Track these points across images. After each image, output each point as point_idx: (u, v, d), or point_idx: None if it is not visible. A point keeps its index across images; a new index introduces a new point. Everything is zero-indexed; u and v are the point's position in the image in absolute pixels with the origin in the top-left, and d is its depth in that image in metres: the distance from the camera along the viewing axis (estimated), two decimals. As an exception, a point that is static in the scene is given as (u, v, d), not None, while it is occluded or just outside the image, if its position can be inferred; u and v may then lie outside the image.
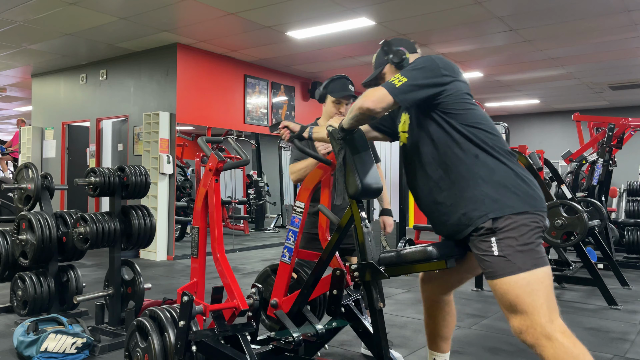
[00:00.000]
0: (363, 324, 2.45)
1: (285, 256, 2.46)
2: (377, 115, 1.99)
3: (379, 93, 1.94)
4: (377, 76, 2.29)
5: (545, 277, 1.84)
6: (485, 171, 1.93)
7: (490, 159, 1.94)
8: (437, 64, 1.99)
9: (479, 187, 1.91)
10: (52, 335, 3.00)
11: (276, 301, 2.47)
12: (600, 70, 8.36)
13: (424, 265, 2.02)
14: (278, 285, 2.48)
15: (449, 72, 2.00)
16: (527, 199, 1.90)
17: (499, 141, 1.99)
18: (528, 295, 1.80)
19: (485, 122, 2.01)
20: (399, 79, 1.94)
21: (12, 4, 5.61)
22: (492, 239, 1.86)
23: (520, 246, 1.84)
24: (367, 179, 2.13)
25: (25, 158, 8.89)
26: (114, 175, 3.42)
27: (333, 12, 5.79)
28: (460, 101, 2.00)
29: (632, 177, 9.69)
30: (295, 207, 2.47)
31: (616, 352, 3.34)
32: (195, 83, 7.42)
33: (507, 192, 1.89)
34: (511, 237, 1.84)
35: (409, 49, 2.26)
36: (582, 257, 4.78)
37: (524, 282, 1.81)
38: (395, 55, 2.20)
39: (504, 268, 1.83)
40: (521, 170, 1.96)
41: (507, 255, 1.83)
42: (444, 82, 1.97)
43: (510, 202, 1.88)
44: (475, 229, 1.90)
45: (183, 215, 8.33)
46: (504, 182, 1.90)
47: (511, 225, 1.85)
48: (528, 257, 1.83)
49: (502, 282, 1.84)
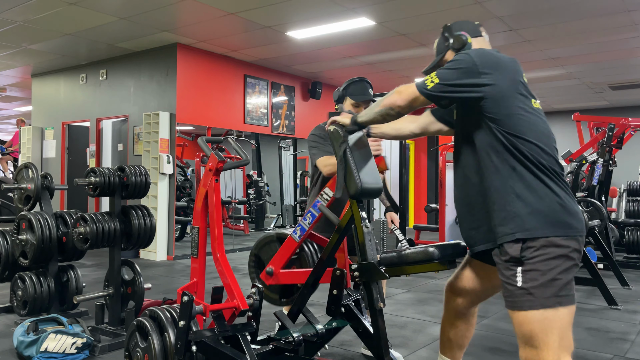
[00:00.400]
0: (363, 324, 2.45)
1: (296, 233, 2.44)
2: (405, 113, 1.95)
3: (409, 92, 1.87)
4: (437, 63, 2.11)
5: (566, 315, 1.74)
6: (521, 187, 1.77)
7: (529, 175, 1.78)
8: (474, 61, 1.80)
9: (511, 204, 1.78)
10: (52, 335, 3.00)
11: (272, 269, 2.46)
12: (600, 70, 8.36)
13: (426, 266, 2.01)
14: (279, 256, 2.47)
15: (489, 70, 1.79)
16: (561, 224, 1.75)
17: (545, 156, 1.80)
18: (542, 332, 1.72)
19: (533, 132, 1.81)
20: (432, 79, 1.83)
21: (12, 4, 5.60)
22: (518, 269, 1.75)
23: (547, 281, 1.72)
24: (367, 179, 2.13)
25: (25, 158, 8.88)
26: (114, 175, 3.42)
27: (333, 12, 5.79)
28: (505, 104, 1.80)
29: (632, 177, 9.69)
30: (323, 193, 2.45)
31: (616, 352, 3.34)
32: (195, 83, 7.42)
33: (540, 214, 1.75)
34: (538, 269, 1.73)
35: (472, 32, 2.05)
36: (582, 257, 4.77)
37: (541, 317, 1.72)
38: (456, 40, 2.01)
39: (524, 301, 1.74)
40: (563, 193, 1.79)
41: (530, 289, 1.73)
42: (481, 83, 1.79)
43: (542, 225, 1.74)
44: (501, 251, 1.79)
45: (183, 215, 8.32)
46: (538, 202, 1.76)
47: (541, 256, 1.73)
48: (552, 294, 1.72)
49: (519, 314, 1.76)
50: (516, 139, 1.79)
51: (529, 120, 1.82)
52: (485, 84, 1.79)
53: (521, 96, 1.83)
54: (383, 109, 1.95)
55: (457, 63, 1.82)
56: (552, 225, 1.74)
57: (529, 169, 1.78)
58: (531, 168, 1.78)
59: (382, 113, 1.97)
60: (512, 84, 1.82)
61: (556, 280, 1.72)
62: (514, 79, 1.83)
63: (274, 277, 2.47)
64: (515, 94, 1.82)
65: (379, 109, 1.97)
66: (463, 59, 1.82)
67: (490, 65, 1.81)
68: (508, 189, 1.79)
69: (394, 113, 1.95)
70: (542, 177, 1.78)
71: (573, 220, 1.78)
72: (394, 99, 1.92)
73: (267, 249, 2.62)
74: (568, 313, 1.75)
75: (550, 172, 1.79)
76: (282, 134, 8.96)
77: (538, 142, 1.80)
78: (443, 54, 2.08)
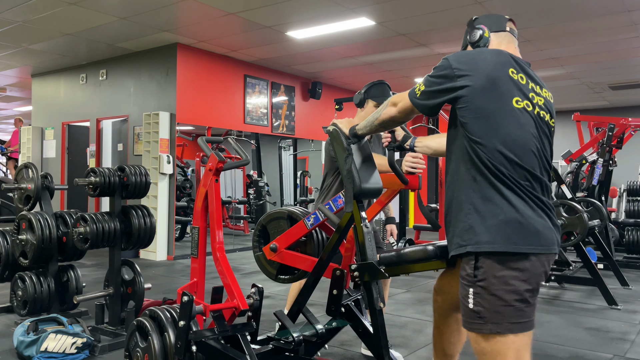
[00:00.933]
0: (363, 324, 2.45)
1: (309, 220, 2.43)
2: (404, 122, 1.96)
3: (404, 103, 1.87)
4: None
5: (520, 340, 1.64)
6: (478, 199, 1.67)
7: (487, 186, 1.66)
8: (450, 65, 1.72)
9: (467, 215, 1.69)
10: (52, 335, 3.01)
11: (276, 245, 2.46)
12: (600, 70, 8.36)
13: (424, 265, 2.01)
14: (286, 236, 2.45)
15: (465, 72, 1.68)
16: (515, 241, 1.62)
17: (507, 164, 1.65)
18: (495, 354, 1.65)
19: (498, 137, 1.66)
20: (419, 87, 1.80)
21: (12, 4, 5.60)
22: (470, 290, 1.68)
23: (498, 306, 1.63)
24: (367, 179, 2.13)
25: (25, 158, 8.89)
26: (114, 175, 3.42)
27: (333, 12, 5.79)
28: (475, 106, 1.68)
29: (632, 177, 9.69)
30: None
31: (616, 352, 3.34)
32: (195, 83, 7.42)
33: (492, 229, 1.64)
34: (490, 290, 1.63)
35: (494, 26, 1.91)
36: (582, 257, 4.78)
37: (493, 341, 1.64)
38: (471, 35, 1.91)
39: (474, 324, 1.67)
40: (523, 206, 1.64)
41: (480, 312, 1.65)
42: (456, 86, 1.69)
43: (493, 240, 1.63)
44: (462, 265, 1.73)
45: (183, 215, 8.32)
46: (492, 217, 1.64)
47: (492, 280, 1.63)
48: (503, 320, 1.63)
49: (471, 333, 1.71)
50: (477, 145, 1.67)
51: (497, 122, 1.66)
52: (460, 87, 1.69)
53: (498, 94, 1.68)
54: (382, 122, 1.97)
55: (436, 69, 1.77)
56: (505, 241, 1.62)
57: (487, 179, 1.66)
58: (490, 178, 1.65)
59: (383, 125, 1.98)
60: (488, 80, 1.67)
61: (508, 307, 1.63)
62: (492, 75, 1.68)
63: (277, 255, 2.47)
64: (490, 92, 1.67)
65: (379, 122, 1.98)
66: (441, 64, 1.76)
67: (466, 66, 1.70)
68: (468, 200, 1.69)
69: (393, 123, 1.97)
70: (500, 188, 1.65)
71: (530, 237, 1.63)
72: (390, 112, 1.92)
73: (276, 225, 2.60)
74: (522, 337, 1.65)
75: (511, 181, 1.65)
76: (282, 134, 8.96)
77: (502, 147, 1.65)
78: (464, 49, 1.99)
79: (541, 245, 1.65)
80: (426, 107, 1.81)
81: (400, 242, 6.35)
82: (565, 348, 3.39)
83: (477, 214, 1.67)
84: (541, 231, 1.66)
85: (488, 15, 1.97)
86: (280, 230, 2.53)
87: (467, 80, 1.68)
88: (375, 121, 1.99)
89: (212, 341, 2.25)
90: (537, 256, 1.65)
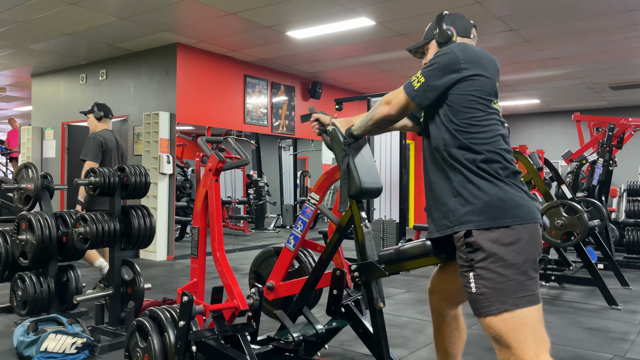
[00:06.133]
0: (363, 324, 2.45)
1: (290, 242, 2.45)
2: (399, 120, 1.99)
3: (399, 99, 1.90)
4: (421, 47, 2.15)
5: (531, 313, 1.69)
6: (459, 183, 1.78)
7: (466, 170, 1.78)
8: (456, 56, 1.82)
9: (451, 198, 1.79)
10: (52, 335, 3.00)
11: (272, 284, 2.46)
12: (600, 70, 8.36)
13: (424, 260, 2.01)
14: (277, 269, 2.47)
15: (470, 65, 1.81)
16: (502, 213, 1.71)
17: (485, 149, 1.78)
18: (511, 331, 1.67)
19: (483, 130, 1.79)
20: (418, 79, 1.86)
21: (12, 4, 5.60)
22: (470, 274, 1.73)
23: (500, 283, 1.68)
24: (367, 179, 2.13)
25: (25, 158, 8.89)
26: (114, 175, 3.42)
27: (333, 12, 5.79)
28: (469, 100, 1.81)
29: (632, 177, 9.70)
30: (310, 198, 2.46)
31: (616, 352, 3.34)
32: (195, 83, 7.42)
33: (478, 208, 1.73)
34: (490, 270, 1.69)
35: (462, 31, 2.03)
36: (582, 257, 4.78)
37: (505, 319, 1.68)
38: (440, 34, 2.01)
39: (482, 307, 1.71)
40: (502, 185, 1.76)
41: (484, 294, 1.70)
42: (458, 77, 1.81)
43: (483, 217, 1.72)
44: (457, 254, 1.79)
45: (183, 215, 8.32)
46: (474, 198, 1.75)
47: (489, 259, 1.69)
48: (509, 296, 1.67)
49: (482, 318, 1.73)
50: (458, 130, 1.80)
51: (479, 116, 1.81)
52: (463, 78, 1.81)
53: (487, 95, 1.84)
54: (376, 122, 2.00)
55: (440, 61, 1.84)
56: (489, 218, 1.71)
57: (466, 164, 1.78)
58: (468, 164, 1.77)
59: (377, 125, 2.02)
60: (489, 81, 1.84)
61: (509, 281, 1.68)
62: (490, 78, 1.85)
63: (275, 292, 2.47)
64: (484, 92, 1.83)
65: (373, 122, 2.00)
66: (445, 53, 1.84)
67: (472, 60, 1.83)
68: (448, 183, 1.81)
69: (387, 122, 2.00)
70: (478, 171, 1.76)
71: (513, 210, 1.72)
72: (385, 111, 1.95)
73: (266, 265, 2.62)
74: (532, 311, 1.69)
75: (488, 164, 1.77)
76: (282, 134, 8.96)
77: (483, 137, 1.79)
78: (428, 41, 2.11)
79: (524, 215, 1.74)
80: (425, 101, 1.86)
81: (400, 242, 6.35)
82: (565, 348, 3.39)
83: (459, 196, 1.77)
84: (521, 203, 1.75)
85: (458, 15, 2.08)
86: (272, 268, 2.54)
87: (470, 73, 1.81)
88: (369, 122, 2.02)
89: (212, 341, 2.25)
90: (523, 226, 1.73)
